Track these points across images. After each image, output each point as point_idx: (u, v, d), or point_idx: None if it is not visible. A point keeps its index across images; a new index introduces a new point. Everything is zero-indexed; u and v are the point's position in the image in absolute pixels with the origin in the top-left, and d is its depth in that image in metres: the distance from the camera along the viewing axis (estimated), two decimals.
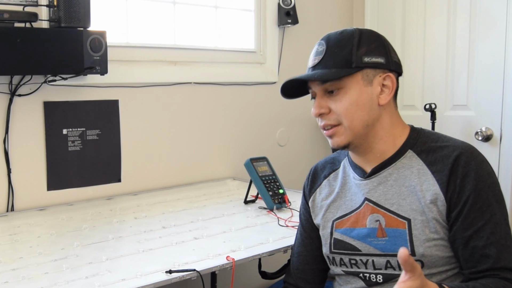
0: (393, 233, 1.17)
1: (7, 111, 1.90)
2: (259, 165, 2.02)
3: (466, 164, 1.14)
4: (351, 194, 1.28)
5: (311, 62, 1.23)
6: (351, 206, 1.27)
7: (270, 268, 1.64)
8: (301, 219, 1.42)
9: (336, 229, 1.28)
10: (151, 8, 2.34)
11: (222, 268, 1.37)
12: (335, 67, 1.18)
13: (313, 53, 1.23)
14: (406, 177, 1.19)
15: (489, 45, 2.48)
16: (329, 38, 1.21)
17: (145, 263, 1.37)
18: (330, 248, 1.28)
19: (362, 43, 1.19)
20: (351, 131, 1.20)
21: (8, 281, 1.26)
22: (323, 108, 1.21)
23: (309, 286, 1.36)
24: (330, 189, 1.34)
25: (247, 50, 2.66)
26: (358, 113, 1.19)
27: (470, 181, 1.12)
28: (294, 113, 2.83)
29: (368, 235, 1.21)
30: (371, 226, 1.21)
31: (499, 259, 1.08)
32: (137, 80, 2.22)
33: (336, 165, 1.36)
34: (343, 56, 1.18)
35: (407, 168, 1.20)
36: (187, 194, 2.22)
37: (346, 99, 1.18)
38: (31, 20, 1.81)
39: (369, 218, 1.22)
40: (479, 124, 2.53)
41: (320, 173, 1.39)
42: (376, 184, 1.22)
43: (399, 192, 1.19)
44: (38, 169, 2.00)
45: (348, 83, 1.18)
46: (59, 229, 1.70)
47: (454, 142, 1.20)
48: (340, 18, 3.01)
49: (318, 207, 1.35)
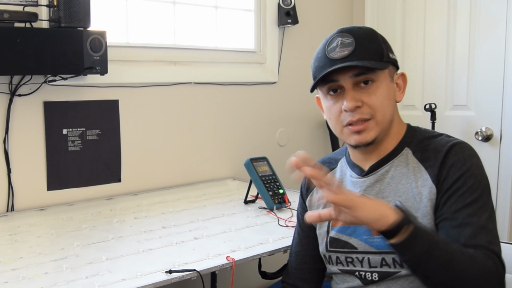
0: None
1: (7, 111, 1.90)
2: (259, 165, 2.02)
3: (455, 155, 1.14)
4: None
5: (338, 54, 1.15)
6: None
7: (270, 268, 1.64)
8: (298, 218, 1.42)
9: (332, 227, 1.28)
10: (151, 8, 2.34)
11: (222, 268, 1.38)
12: (370, 59, 1.15)
13: (337, 45, 1.16)
14: (403, 175, 1.19)
15: (489, 45, 2.48)
16: (352, 31, 1.17)
17: (145, 263, 1.37)
18: (326, 247, 1.28)
19: (383, 39, 1.20)
20: (380, 125, 1.18)
21: (8, 281, 1.26)
22: (358, 101, 1.16)
23: (307, 285, 1.37)
24: None
25: (247, 50, 2.66)
26: (389, 108, 1.18)
27: (456, 170, 1.13)
28: (294, 113, 2.83)
29: (364, 232, 1.21)
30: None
31: (474, 237, 1.08)
32: (137, 80, 2.22)
33: (333, 164, 1.36)
34: (375, 49, 1.16)
35: (404, 166, 1.20)
36: (187, 194, 2.22)
37: (380, 93, 1.16)
38: (31, 20, 1.81)
39: None
40: (479, 124, 2.53)
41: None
42: (373, 181, 1.23)
43: (396, 190, 1.19)
44: (38, 169, 2.00)
45: (380, 77, 1.17)
46: (59, 229, 1.70)
47: (447, 137, 1.21)
48: (340, 18, 3.01)
49: (315, 206, 1.35)
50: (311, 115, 2.91)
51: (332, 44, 1.18)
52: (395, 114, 1.22)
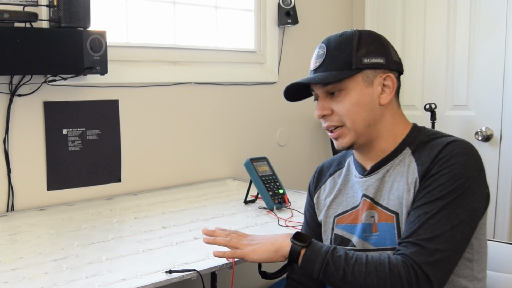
0: (383, 228, 1.19)
1: (7, 111, 1.90)
2: (259, 165, 2.02)
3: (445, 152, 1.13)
4: (353, 191, 1.30)
5: (312, 65, 1.26)
6: (352, 203, 1.28)
7: (270, 268, 1.64)
8: (305, 215, 1.44)
9: (337, 225, 1.30)
10: (151, 8, 2.34)
11: (222, 268, 1.38)
12: (336, 69, 1.20)
13: (314, 56, 1.26)
14: (400, 173, 1.20)
15: (489, 45, 2.48)
16: (329, 41, 1.24)
17: (145, 263, 1.37)
18: (330, 244, 1.30)
19: (361, 44, 1.21)
20: (354, 131, 1.22)
21: (8, 281, 1.26)
22: (325, 109, 1.24)
23: (312, 281, 1.37)
24: (333, 186, 1.36)
25: (247, 50, 2.66)
26: (359, 114, 1.21)
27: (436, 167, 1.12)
28: (294, 113, 2.83)
29: (364, 230, 1.23)
30: (367, 222, 1.23)
31: (414, 233, 1.09)
32: (137, 80, 2.22)
33: (342, 163, 1.38)
34: (343, 59, 1.20)
35: (402, 165, 1.21)
36: (187, 194, 2.22)
37: (347, 100, 1.21)
38: (31, 20, 1.81)
39: (365, 214, 1.23)
40: (479, 124, 2.53)
41: (326, 171, 1.41)
42: (374, 180, 1.24)
43: (390, 187, 1.21)
44: (38, 169, 2.00)
45: (349, 85, 1.20)
46: (59, 229, 1.70)
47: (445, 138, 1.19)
48: (340, 18, 3.01)
49: (322, 203, 1.37)
50: (311, 115, 2.89)
51: (313, 53, 1.27)
52: (383, 116, 1.22)
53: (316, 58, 1.25)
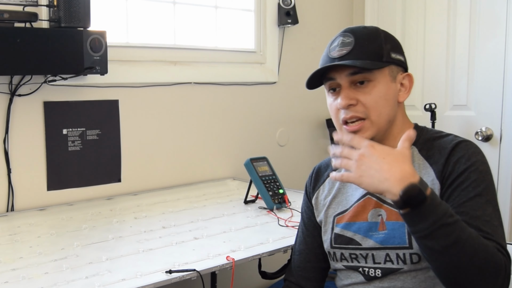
0: (393, 226, 1.18)
1: (7, 111, 1.90)
2: (259, 165, 2.02)
3: (460, 152, 1.15)
4: (352, 190, 1.29)
5: (336, 53, 1.18)
6: (351, 201, 1.28)
7: (270, 268, 1.64)
8: (303, 217, 1.42)
9: (336, 224, 1.29)
10: (151, 8, 2.34)
11: (222, 268, 1.38)
12: (367, 58, 1.16)
13: (338, 44, 1.19)
14: None
15: (489, 45, 2.48)
16: (354, 31, 1.20)
17: (145, 263, 1.37)
18: (330, 243, 1.29)
19: (388, 39, 1.20)
20: (376, 125, 1.19)
21: (8, 281, 1.26)
22: (352, 99, 1.17)
23: (310, 284, 1.37)
24: (332, 186, 1.35)
25: (247, 50, 2.66)
26: (385, 108, 1.18)
27: (461, 165, 1.13)
28: (294, 113, 2.83)
29: (370, 229, 1.22)
30: (373, 220, 1.22)
31: (480, 230, 1.07)
32: (137, 80, 2.22)
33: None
34: (373, 49, 1.17)
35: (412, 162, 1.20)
36: (187, 194, 2.22)
37: (375, 92, 1.17)
38: (31, 20, 1.81)
39: (371, 212, 1.22)
40: (479, 124, 2.53)
41: (323, 171, 1.40)
42: None
43: None
44: (38, 169, 2.00)
45: (378, 76, 1.18)
46: (59, 229, 1.70)
47: (453, 135, 1.22)
48: (340, 18, 3.01)
49: (321, 204, 1.36)
50: (311, 115, 2.91)
51: (334, 43, 1.20)
52: (397, 114, 1.23)
53: (341, 46, 1.18)
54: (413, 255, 1.16)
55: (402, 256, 1.17)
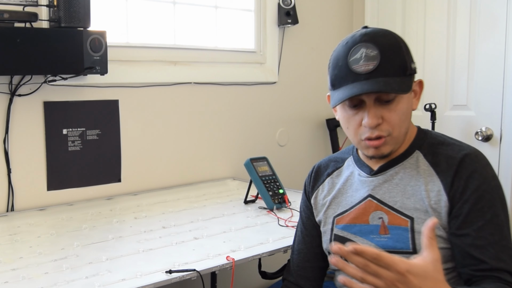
0: (396, 231, 1.18)
1: (7, 111, 1.90)
2: (259, 165, 2.02)
3: (471, 165, 1.13)
4: (352, 191, 1.29)
5: (361, 67, 1.11)
6: (351, 202, 1.27)
7: (270, 268, 1.64)
8: (301, 216, 1.42)
9: (336, 225, 1.28)
10: (151, 8, 2.34)
11: (222, 268, 1.38)
12: (394, 75, 1.11)
13: (362, 58, 1.11)
14: (412, 177, 1.19)
15: (489, 45, 2.48)
16: (377, 40, 1.12)
17: (145, 263, 1.37)
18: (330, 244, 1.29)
19: (405, 46, 1.16)
20: (396, 140, 1.17)
21: (8, 281, 1.26)
22: (379, 118, 1.13)
23: (309, 283, 1.37)
24: (332, 186, 1.34)
25: (247, 50, 2.66)
26: (405, 122, 1.17)
27: (473, 181, 1.12)
28: (294, 113, 2.83)
29: (371, 231, 1.21)
30: (374, 223, 1.21)
31: (499, 259, 1.08)
32: (137, 80, 2.22)
33: (339, 163, 1.36)
34: (399, 63, 1.13)
35: (413, 169, 1.20)
36: (187, 194, 2.22)
37: (399, 109, 1.14)
38: (31, 20, 1.81)
39: (372, 215, 1.22)
40: (479, 124, 2.53)
41: (323, 170, 1.38)
42: (382, 181, 1.23)
43: (404, 191, 1.19)
44: (38, 169, 2.00)
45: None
46: (59, 229, 1.70)
47: (459, 143, 1.20)
48: (340, 18, 3.01)
49: (320, 204, 1.35)
50: (311, 115, 2.91)
51: (355, 54, 1.12)
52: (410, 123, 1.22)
53: (366, 60, 1.10)
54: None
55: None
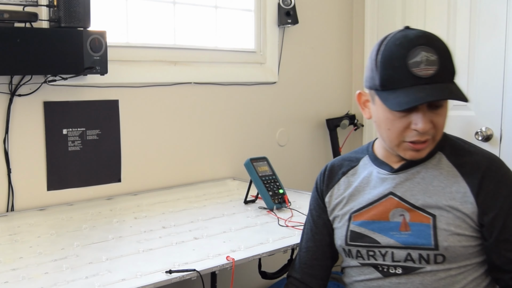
0: (417, 227, 1.19)
1: (7, 111, 1.90)
2: (259, 165, 2.02)
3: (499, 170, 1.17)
4: (370, 188, 1.29)
5: (422, 71, 1.10)
6: (369, 199, 1.27)
7: (270, 268, 1.64)
8: (312, 214, 1.41)
9: (353, 221, 1.28)
10: (151, 8, 2.34)
11: (222, 268, 1.38)
12: (450, 81, 1.13)
13: (422, 61, 1.10)
14: (434, 177, 1.20)
15: (489, 45, 2.48)
16: (434, 44, 1.12)
17: (145, 263, 1.37)
18: (345, 240, 1.28)
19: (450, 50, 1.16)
20: (436, 141, 1.21)
21: (8, 281, 1.26)
22: (431, 123, 1.15)
23: (315, 281, 1.36)
24: (348, 184, 1.34)
25: (247, 50, 2.66)
26: (444, 125, 1.21)
27: (504, 187, 1.15)
28: (294, 113, 2.83)
29: (390, 228, 1.22)
30: (395, 220, 1.22)
31: None
32: (137, 80, 2.22)
33: (354, 162, 1.36)
34: (452, 68, 1.14)
35: (436, 169, 1.21)
36: (187, 194, 2.22)
37: (444, 114, 1.18)
38: (31, 20, 1.81)
39: (393, 212, 1.22)
40: (479, 124, 2.53)
41: (337, 169, 1.38)
42: (403, 179, 1.23)
43: (426, 190, 1.20)
44: (38, 169, 2.00)
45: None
46: (59, 229, 1.70)
47: (481, 150, 1.23)
48: (340, 18, 3.01)
49: (335, 202, 1.35)
50: (311, 115, 2.91)
51: (415, 56, 1.10)
52: None
53: (427, 64, 1.09)
54: (437, 256, 1.16)
55: (426, 257, 1.17)
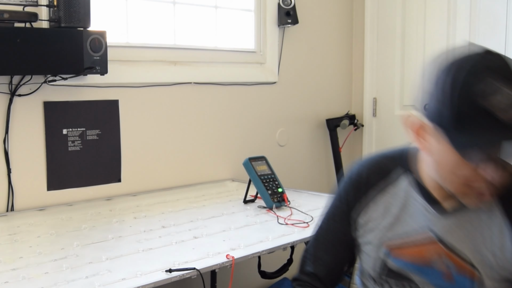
0: (462, 280, 1.09)
1: (7, 111, 1.91)
2: (258, 164, 2.02)
3: None
4: (408, 216, 1.14)
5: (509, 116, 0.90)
6: (407, 232, 1.13)
7: (270, 268, 1.65)
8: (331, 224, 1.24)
9: (392, 257, 1.14)
10: (151, 8, 2.34)
11: (222, 266, 1.38)
12: None
13: (510, 104, 0.90)
14: (487, 225, 1.09)
15: (489, 45, 2.46)
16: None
17: (145, 262, 1.38)
18: (379, 273, 1.17)
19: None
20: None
21: (8, 281, 1.26)
22: (505, 171, 0.98)
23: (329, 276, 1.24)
24: (387, 207, 1.16)
25: (247, 50, 2.66)
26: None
27: None
28: (294, 113, 2.83)
29: (435, 276, 1.11)
30: (440, 269, 1.10)
31: None
32: (137, 80, 2.22)
33: (385, 175, 1.17)
34: None
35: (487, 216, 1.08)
36: (186, 194, 2.22)
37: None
38: (31, 20, 1.81)
39: (437, 259, 1.11)
40: None
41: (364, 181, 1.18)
42: (453, 226, 1.10)
43: (475, 240, 1.08)
44: (38, 169, 2.00)
45: None
46: (59, 229, 1.70)
47: None
48: (340, 18, 3.01)
49: (371, 225, 1.17)
50: (311, 115, 2.91)
51: (496, 95, 0.91)
52: None
53: None
54: None
55: None
